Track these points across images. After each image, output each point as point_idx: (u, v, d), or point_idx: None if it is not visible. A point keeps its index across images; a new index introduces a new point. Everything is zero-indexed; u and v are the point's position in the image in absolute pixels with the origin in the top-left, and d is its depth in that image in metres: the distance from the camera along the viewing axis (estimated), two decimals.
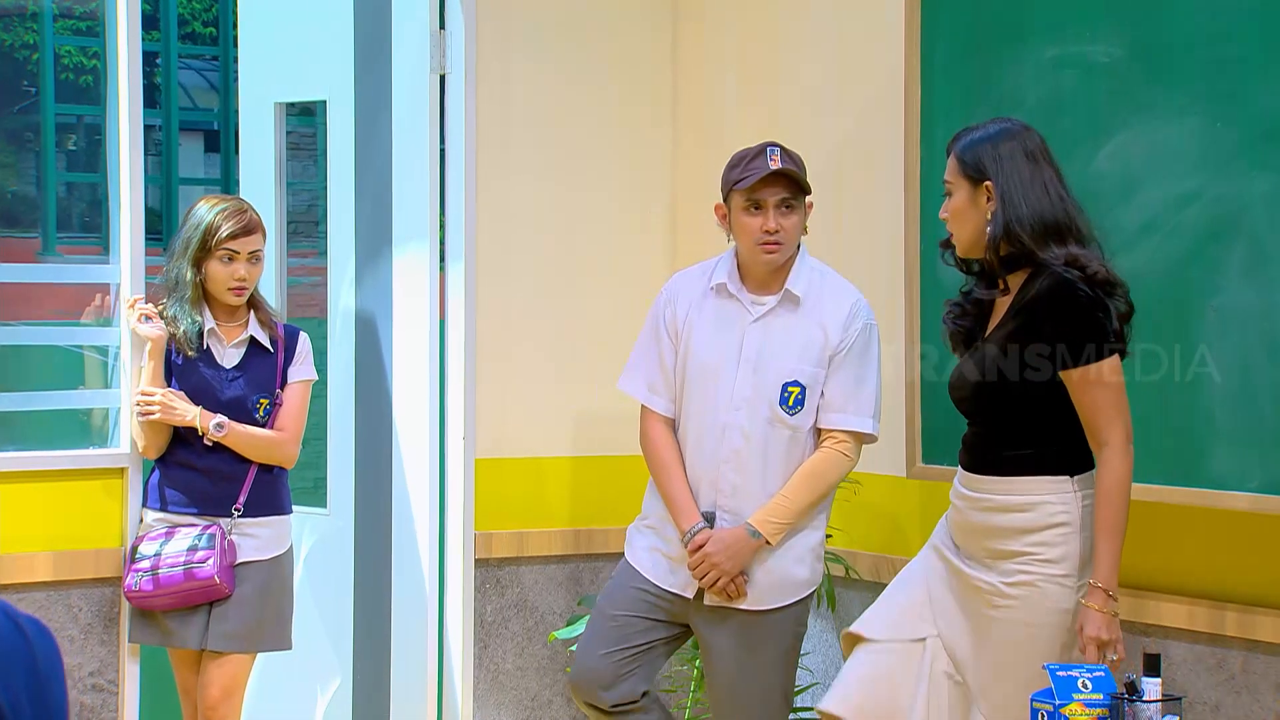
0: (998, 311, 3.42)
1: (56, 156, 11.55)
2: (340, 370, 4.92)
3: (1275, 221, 3.56)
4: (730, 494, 3.86)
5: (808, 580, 3.91)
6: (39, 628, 1.69)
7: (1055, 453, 3.34)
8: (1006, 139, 3.37)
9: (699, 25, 5.05)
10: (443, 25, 4.73)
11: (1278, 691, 3.70)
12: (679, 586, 3.90)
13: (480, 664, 4.82)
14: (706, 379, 3.88)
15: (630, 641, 3.91)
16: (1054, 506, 3.31)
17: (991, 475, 3.37)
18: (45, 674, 1.65)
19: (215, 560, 4.08)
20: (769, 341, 3.83)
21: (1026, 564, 3.32)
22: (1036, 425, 3.35)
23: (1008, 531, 3.34)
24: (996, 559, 3.35)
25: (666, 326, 3.95)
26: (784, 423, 3.83)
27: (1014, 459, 3.34)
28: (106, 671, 4.29)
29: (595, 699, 3.92)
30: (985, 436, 3.41)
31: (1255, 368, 3.59)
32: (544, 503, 4.91)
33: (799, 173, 3.84)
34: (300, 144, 5.51)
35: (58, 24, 10.98)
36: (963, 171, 3.38)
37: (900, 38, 4.27)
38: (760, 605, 3.87)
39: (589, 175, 4.98)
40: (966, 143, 3.41)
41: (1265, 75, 3.58)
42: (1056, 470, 3.33)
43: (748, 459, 3.84)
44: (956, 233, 3.42)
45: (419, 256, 4.73)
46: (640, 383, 3.98)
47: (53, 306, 4.71)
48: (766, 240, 3.81)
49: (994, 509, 3.36)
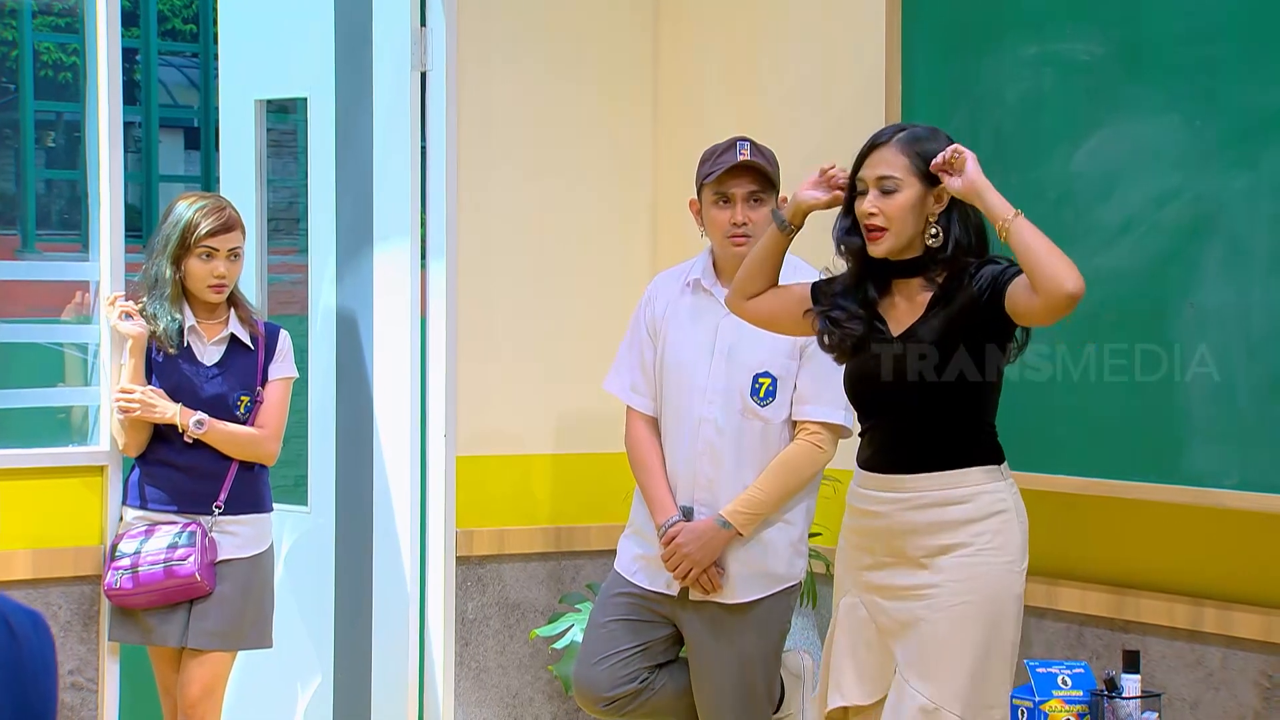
0: (902, 309, 3.32)
1: (36, 153, 11.51)
2: (321, 368, 4.92)
3: (1254, 219, 3.58)
4: (706, 487, 3.87)
5: (785, 574, 3.91)
6: (35, 622, 1.67)
7: (981, 444, 3.30)
8: (946, 142, 3.30)
9: (681, 24, 5.05)
10: (424, 22, 4.73)
11: (1256, 688, 3.71)
12: (663, 585, 3.92)
13: (461, 661, 4.82)
14: (682, 373, 3.91)
15: (621, 645, 3.93)
16: (992, 495, 3.28)
17: (923, 472, 3.29)
18: (32, 672, 1.64)
19: (196, 558, 4.07)
20: (742, 334, 3.84)
21: (972, 554, 3.27)
22: (967, 418, 3.30)
23: (947, 525, 3.28)
24: (932, 555, 3.28)
25: (646, 326, 4.00)
26: (756, 414, 3.84)
27: (947, 452, 3.29)
28: (86, 670, 4.28)
29: (597, 706, 3.96)
30: (911, 434, 3.32)
31: (1233, 364, 3.60)
32: (525, 500, 4.92)
33: (768, 166, 3.86)
34: (281, 141, 5.50)
35: (37, 20, 10.95)
36: (918, 169, 3.27)
37: (881, 36, 4.28)
38: (736, 598, 3.88)
39: (570, 173, 4.99)
40: (914, 140, 3.30)
41: (1244, 73, 3.59)
42: (987, 460, 3.30)
43: (721, 452, 3.86)
44: (895, 230, 3.26)
45: (400, 254, 4.73)
46: (624, 383, 4.02)
47: (32, 304, 4.70)
48: (735, 233, 3.85)
49: (930, 505, 3.29)
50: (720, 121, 4.84)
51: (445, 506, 4.71)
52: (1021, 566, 3.30)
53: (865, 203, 3.28)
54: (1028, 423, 3.94)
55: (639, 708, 3.95)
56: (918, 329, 3.29)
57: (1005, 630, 3.28)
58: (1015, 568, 3.29)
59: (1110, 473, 3.82)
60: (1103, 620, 3.95)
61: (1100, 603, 3.95)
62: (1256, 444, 3.57)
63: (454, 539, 4.73)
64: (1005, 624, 3.28)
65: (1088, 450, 3.88)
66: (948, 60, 4.14)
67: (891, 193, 3.27)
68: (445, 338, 4.72)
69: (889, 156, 3.28)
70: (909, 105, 4.19)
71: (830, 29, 4.62)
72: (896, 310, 3.33)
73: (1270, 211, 3.55)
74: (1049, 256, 3.10)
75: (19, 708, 1.62)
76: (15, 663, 1.62)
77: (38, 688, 1.64)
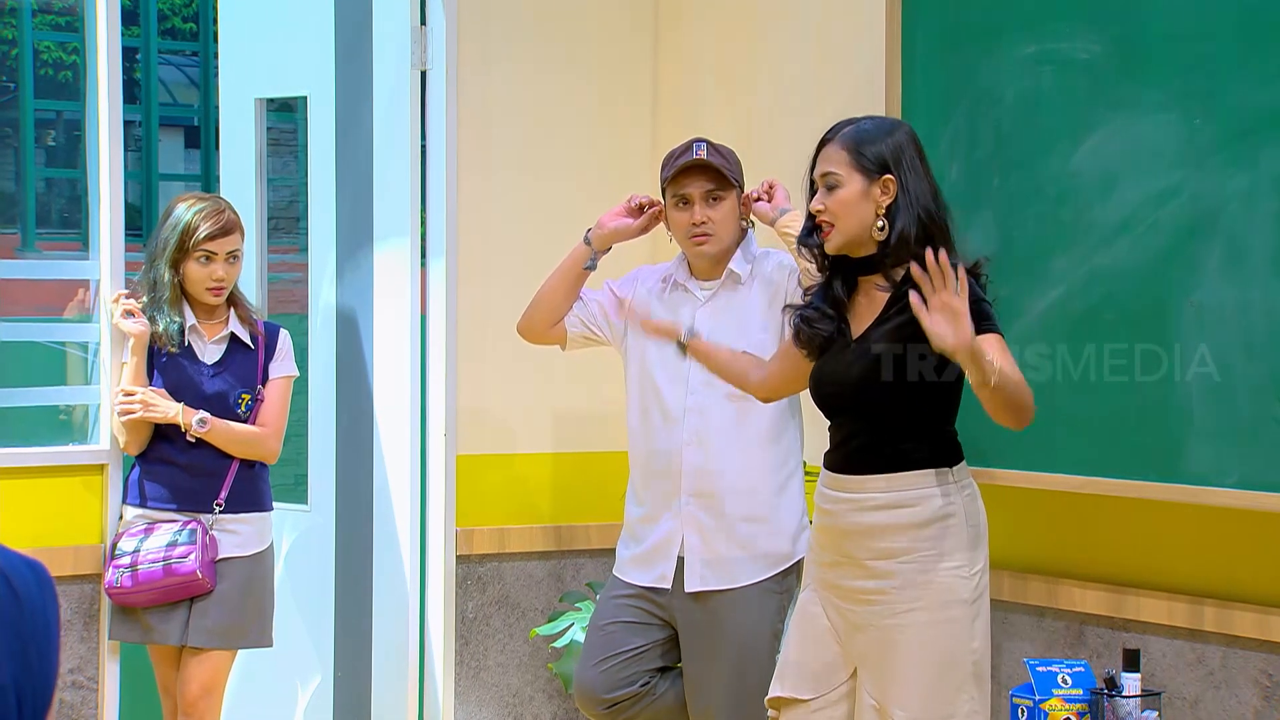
0: (864, 308, 3.33)
1: (36, 152, 11.50)
2: (321, 367, 4.92)
3: (1253, 218, 3.58)
4: (697, 476, 3.89)
5: (784, 554, 3.89)
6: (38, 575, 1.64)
7: (933, 446, 3.27)
8: (900, 133, 3.31)
9: (680, 23, 5.05)
10: (424, 21, 4.73)
11: (1256, 686, 3.71)
12: (654, 580, 3.92)
13: (461, 660, 4.82)
14: (665, 369, 3.93)
15: (620, 647, 3.94)
16: (939, 500, 3.25)
17: (874, 474, 3.29)
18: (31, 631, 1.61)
19: (197, 555, 4.07)
20: (719, 322, 3.88)
21: (915, 560, 3.26)
22: (919, 420, 3.28)
23: (891, 530, 3.27)
24: (877, 559, 3.27)
25: (617, 289, 4.05)
26: (738, 398, 3.83)
27: (897, 455, 3.27)
28: (86, 669, 4.28)
29: (596, 709, 3.97)
30: (864, 436, 3.32)
31: (1233, 363, 3.60)
32: (525, 499, 4.92)
33: (724, 164, 3.89)
34: (281, 140, 5.50)
35: (37, 19, 10.94)
36: (857, 164, 3.27)
37: (880, 36, 4.28)
38: (733, 583, 3.87)
39: (570, 172, 4.99)
40: (856, 135, 3.31)
41: (1243, 72, 3.59)
42: (936, 463, 3.27)
43: (709, 439, 3.88)
44: (841, 226, 3.27)
45: (400, 253, 4.73)
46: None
47: (32, 303, 4.70)
48: (695, 233, 3.89)
49: (876, 508, 3.28)
50: (719, 121, 4.84)
51: (445, 505, 4.71)
52: (972, 571, 3.24)
53: (813, 201, 3.31)
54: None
55: (640, 713, 3.95)
56: (871, 331, 3.29)
57: (959, 637, 3.23)
58: (963, 573, 3.24)
59: (1110, 471, 3.82)
60: (1103, 619, 3.95)
61: (1100, 601, 3.95)
62: (1256, 443, 3.57)
63: (454, 538, 4.73)
64: (957, 630, 3.23)
65: (1088, 449, 3.88)
66: (947, 59, 4.14)
67: (834, 188, 3.28)
68: (445, 336, 4.72)
69: (832, 153, 3.30)
70: (908, 105, 4.19)
71: (829, 29, 4.62)
72: (859, 310, 3.33)
73: (1269, 210, 3.55)
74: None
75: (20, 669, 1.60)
76: (17, 626, 1.60)
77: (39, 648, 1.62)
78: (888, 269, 3.29)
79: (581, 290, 4.07)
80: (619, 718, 3.95)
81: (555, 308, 4.05)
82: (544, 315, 4.07)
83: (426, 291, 4.75)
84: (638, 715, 3.95)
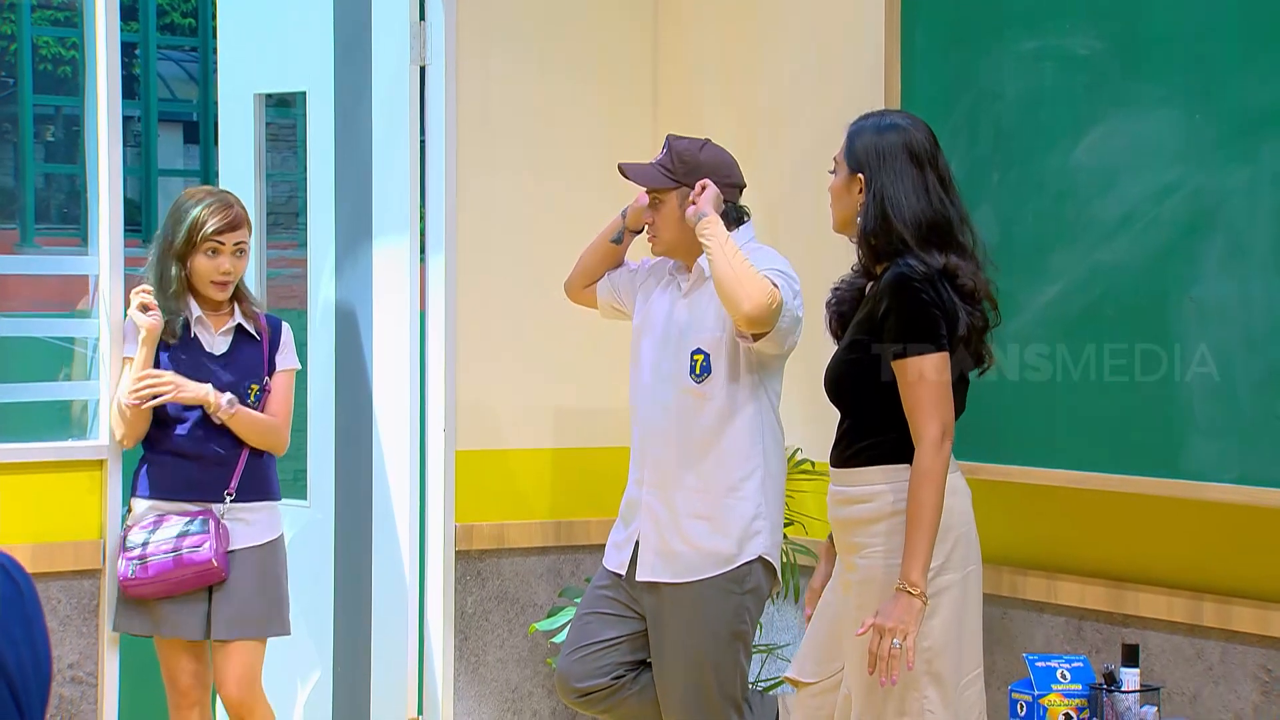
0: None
1: (35, 147, 11.49)
2: (320, 362, 4.92)
3: (1253, 214, 3.58)
4: (653, 467, 3.91)
5: (727, 555, 3.83)
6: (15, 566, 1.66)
7: (896, 444, 3.28)
8: (892, 133, 3.34)
9: (680, 20, 5.05)
10: (423, 17, 4.73)
11: (1255, 681, 3.72)
12: (617, 565, 3.96)
13: (461, 656, 4.82)
14: (654, 352, 3.96)
15: (595, 638, 3.96)
16: (891, 496, 3.27)
17: (842, 468, 3.36)
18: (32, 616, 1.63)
19: (212, 543, 4.06)
20: (691, 316, 3.91)
21: (869, 555, 3.29)
22: (880, 415, 3.30)
23: (851, 523, 3.32)
24: (849, 552, 3.35)
25: (638, 270, 4.11)
26: (694, 392, 3.85)
27: (863, 450, 3.32)
28: (86, 664, 4.28)
29: (570, 696, 3.99)
30: (842, 430, 3.39)
31: (1233, 359, 3.60)
32: (524, 495, 4.92)
33: (653, 168, 3.91)
34: (280, 135, 5.50)
35: (35, 14, 10.93)
36: (847, 157, 3.39)
37: (880, 33, 4.28)
38: (677, 578, 3.87)
39: (569, 168, 4.98)
40: (856, 129, 3.40)
41: (1243, 68, 3.59)
42: (893, 459, 3.29)
43: (668, 433, 3.89)
44: (833, 210, 3.44)
45: (399, 248, 4.73)
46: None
47: (31, 298, 4.71)
48: (648, 234, 3.98)
49: (844, 501, 3.34)
50: (720, 118, 4.84)
51: (445, 501, 4.71)
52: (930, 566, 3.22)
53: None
54: (1028, 419, 3.94)
55: (615, 705, 3.95)
56: (849, 324, 3.39)
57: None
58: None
59: (1109, 467, 3.83)
60: (1102, 614, 3.95)
61: (1099, 597, 3.95)
62: (1256, 438, 3.57)
63: (453, 533, 4.73)
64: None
65: (1087, 444, 3.88)
66: (947, 56, 4.14)
67: (834, 174, 3.44)
68: (444, 332, 4.72)
69: (844, 141, 3.43)
70: (909, 101, 4.19)
71: (830, 27, 4.62)
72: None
73: (1270, 205, 3.55)
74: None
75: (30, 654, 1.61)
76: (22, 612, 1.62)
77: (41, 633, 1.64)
78: (873, 265, 3.36)
79: (627, 261, 4.14)
80: (594, 708, 3.98)
81: (586, 270, 4.15)
82: (578, 276, 4.17)
83: (426, 287, 4.75)
84: (614, 708, 3.96)
